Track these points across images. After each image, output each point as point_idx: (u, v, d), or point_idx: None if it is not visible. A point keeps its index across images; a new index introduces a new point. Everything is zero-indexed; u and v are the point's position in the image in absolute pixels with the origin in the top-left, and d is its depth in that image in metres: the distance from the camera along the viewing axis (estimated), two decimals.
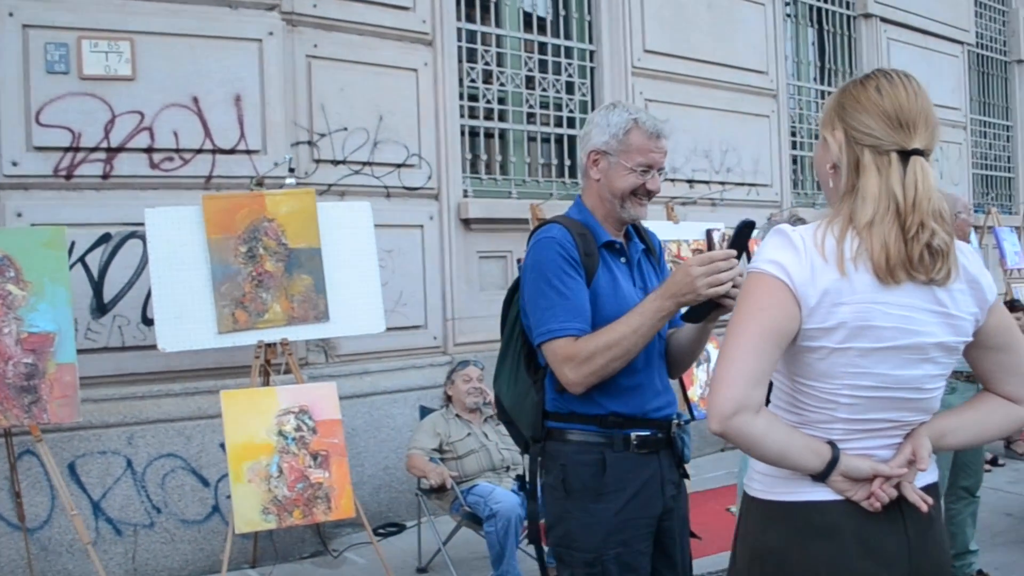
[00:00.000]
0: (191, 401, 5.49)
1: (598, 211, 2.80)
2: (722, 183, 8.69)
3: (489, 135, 7.35)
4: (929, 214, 1.87)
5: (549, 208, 6.88)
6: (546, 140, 7.71)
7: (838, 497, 1.95)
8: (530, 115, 7.54)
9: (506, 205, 7.20)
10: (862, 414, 1.95)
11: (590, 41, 7.92)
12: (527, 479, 2.78)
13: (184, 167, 5.52)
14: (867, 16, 10.36)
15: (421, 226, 6.69)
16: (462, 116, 7.01)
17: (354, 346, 6.24)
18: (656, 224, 7.37)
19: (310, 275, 5.20)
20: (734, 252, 2.51)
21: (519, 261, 6.39)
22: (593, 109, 7.78)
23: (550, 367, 2.64)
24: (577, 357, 2.55)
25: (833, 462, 1.93)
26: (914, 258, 1.87)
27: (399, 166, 6.55)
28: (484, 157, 7.28)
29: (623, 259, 2.81)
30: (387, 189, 6.48)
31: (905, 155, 1.92)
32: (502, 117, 7.38)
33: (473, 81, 7.16)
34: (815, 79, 10.10)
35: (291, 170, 5.34)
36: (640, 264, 2.87)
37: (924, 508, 1.95)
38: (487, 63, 7.26)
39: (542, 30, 7.71)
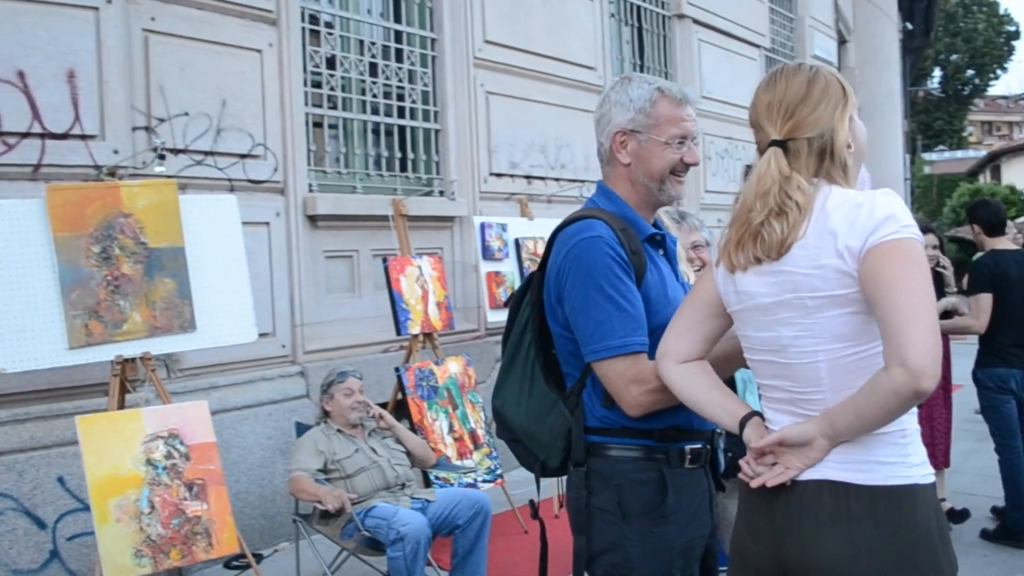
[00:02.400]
0: (22, 430, 4.68)
1: (631, 198, 2.48)
2: (557, 179, 8.50)
3: (332, 126, 6.80)
4: (756, 197, 1.97)
5: (412, 204, 6.45)
6: (389, 133, 7.22)
7: None
8: (373, 106, 7.04)
9: (354, 201, 6.68)
10: (759, 378, 2.10)
11: (431, 28, 7.50)
12: (574, 507, 2.39)
13: (8, 153, 4.68)
14: (681, 17, 10.53)
15: (267, 223, 6.06)
16: (306, 104, 6.44)
17: (198, 358, 5.54)
18: (511, 221, 7.10)
19: (173, 279, 4.55)
20: None
21: (385, 259, 5.93)
22: (435, 101, 7.42)
23: (605, 386, 2.30)
24: (651, 382, 2.24)
25: (741, 426, 2.04)
26: (746, 244, 1.99)
27: (243, 156, 5.90)
28: (328, 149, 6.72)
29: (661, 251, 2.52)
30: (231, 182, 5.81)
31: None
32: (345, 106, 6.85)
33: (317, 66, 6.59)
34: None
35: (161, 156, 4.63)
36: (675, 257, 2.59)
37: (745, 478, 2.02)
38: (331, 47, 6.71)
39: (384, 15, 7.23)
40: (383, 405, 5.80)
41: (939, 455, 5.69)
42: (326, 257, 6.55)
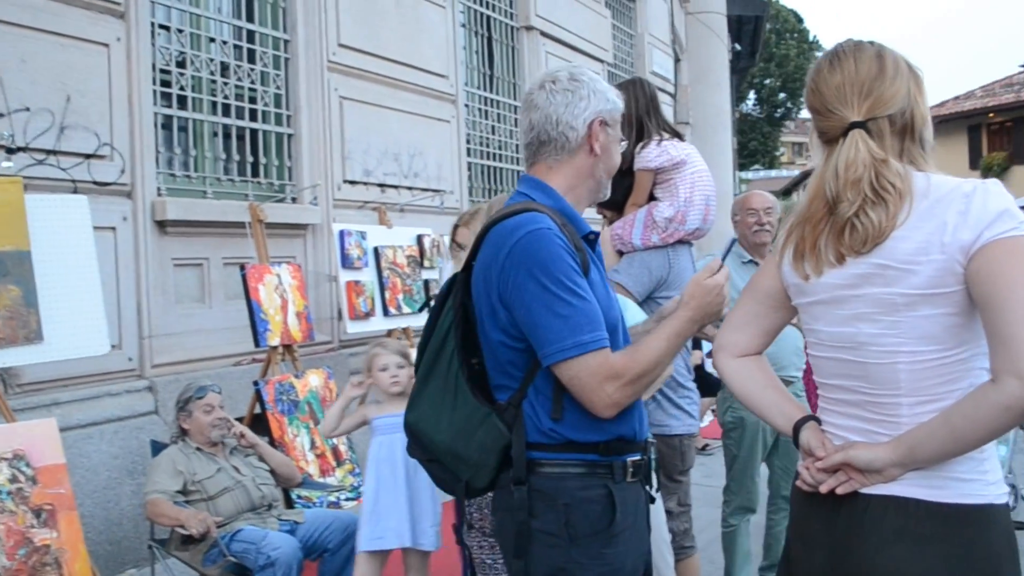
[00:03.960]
0: None
1: (572, 193, 2.34)
2: (410, 188, 8.36)
3: (182, 127, 6.45)
4: (847, 186, 1.85)
5: (270, 210, 6.20)
6: (240, 136, 6.91)
7: None
8: (224, 107, 6.73)
9: (204, 206, 6.35)
10: (822, 377, 1.97)
11: (284, 30, 7.24)
12: (513, 529, 2.17)
13: None
14: (529, 28, 10.56)
15: (113, 228, 5.68)
16: (155, 103, 6.08)
17: (39, 372, 5.13)
18: (369, 229, 6.93)
19: (18, 285, 4.18)
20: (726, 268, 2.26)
21: (243, 267, 5.65)
22: (288, 104, 7.17)
23: (574, 387, 2.11)
24: (624, 375, 2.09)
25: (796, 429, 1.95)
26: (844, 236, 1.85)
27: (89, 157, 5.51)
28: (178, 151, 6.38)
29: (592, 251, 2.38)
30: (75, 184, 5.41)
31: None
32: (195, 107, 6.51)
33: (166, 64, 6.24)
34: (479, 86, 10.08)
35: (10, 151, 4.24)
36: (601, 257, 2.46)
37: (804, 485, 1.92)
38: (182, 44, 6.37)
39: (235, 14, 6.92)
40: (239, 420, 5.54)
41: None
42: (175, 265, 6.20)
